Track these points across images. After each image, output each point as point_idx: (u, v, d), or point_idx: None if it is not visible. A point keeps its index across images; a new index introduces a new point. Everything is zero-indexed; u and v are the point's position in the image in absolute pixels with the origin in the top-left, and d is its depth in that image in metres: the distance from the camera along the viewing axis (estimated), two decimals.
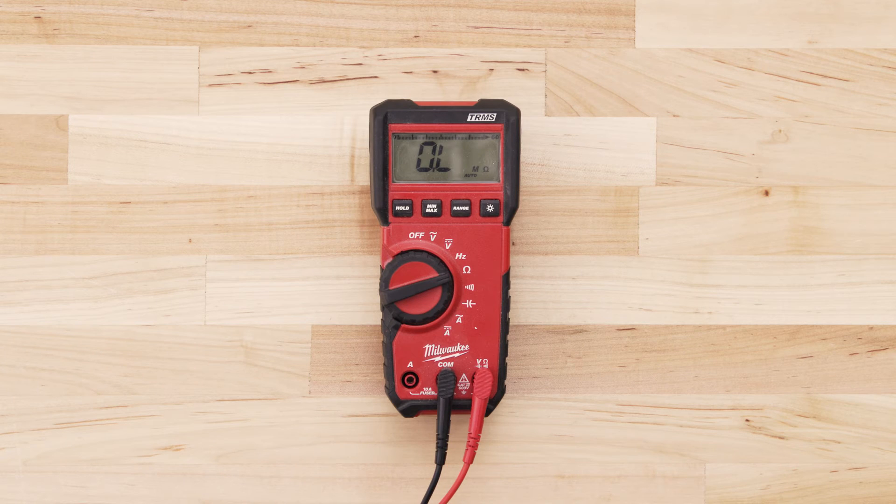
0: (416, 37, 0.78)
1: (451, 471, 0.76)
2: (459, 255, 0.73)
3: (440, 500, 0.73)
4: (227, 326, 0.77)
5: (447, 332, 0.73)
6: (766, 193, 0.78)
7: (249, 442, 0.77)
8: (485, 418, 0.76)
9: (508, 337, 0.77)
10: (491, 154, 0.73)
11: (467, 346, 0.73)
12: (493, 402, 0.74)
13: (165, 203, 0.77)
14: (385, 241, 0.73)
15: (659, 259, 0.78)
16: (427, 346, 0.73)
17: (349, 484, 0.78)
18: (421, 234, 0.73)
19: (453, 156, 0.73)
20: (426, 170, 0.73)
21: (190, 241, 0.77)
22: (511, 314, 0.77)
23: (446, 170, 0.73)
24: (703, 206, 0.78)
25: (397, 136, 0.73)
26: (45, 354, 0.77)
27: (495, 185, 0.73)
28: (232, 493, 0.78)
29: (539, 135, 0.78)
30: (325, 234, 0.78)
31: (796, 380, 0.78)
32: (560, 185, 0.78)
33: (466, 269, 0.73)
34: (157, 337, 0.77)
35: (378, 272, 0.77)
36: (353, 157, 0.78)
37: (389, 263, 0.73)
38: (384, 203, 0.73)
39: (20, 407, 0.77)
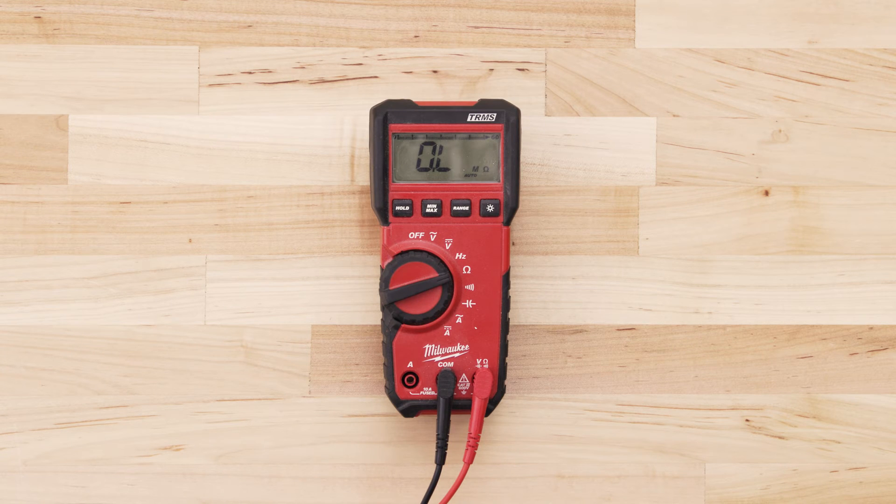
0: (416, 37, 0.78)
1: (451, 471, 0.76)
2: (459, 255, 0.73)
3: (440, 500, 0.73)
4: (227, 326, 0.77)
5: (447, 332, 0.73)
6: (766, 193, 0.78)
7: (249, 442, 0.77)
8: (485, 418, 0.76)
9: (508, 337, 0.77)
10: (491, 154, 0.73)
11: (467, 346, 0.73)
12: (493, 402, 0.74)
13: (165, 203, 0.77)
14: (385, 241, 0.73)
15: (659, 259, 0.78)
16: (427, 346, 0.73)
17: (349, 484, 0.78)
18: (421, 234, 0.73)
19: (453, 156, 0.73)
20: (426, 170, 0.73)
21: (190, 241, 0.77)
22: (511, 314, 0.77)
23: (446, 170, 0.73)
24: (703, 206, 0.78)
25: (397, 136, 0.73)
26: (45, 354, 0.77)
27: (495, 185, 0.73)
28: (232, 493, 0.78)
29: (539, 135, 0.78)
30: (325, 234, 0.77)
31: (796, 380, 0.78)
32: (560, 185, 0.78)
33: (466, 269, 0.73)
34: (157, 337, 0.77)
35: (378, 272, 0.77)
36: (353, 157, 0.78)
37: (389, 263, 0.73)
38: (384, 203, 0.73)
39: (20, 407, 0.77)
